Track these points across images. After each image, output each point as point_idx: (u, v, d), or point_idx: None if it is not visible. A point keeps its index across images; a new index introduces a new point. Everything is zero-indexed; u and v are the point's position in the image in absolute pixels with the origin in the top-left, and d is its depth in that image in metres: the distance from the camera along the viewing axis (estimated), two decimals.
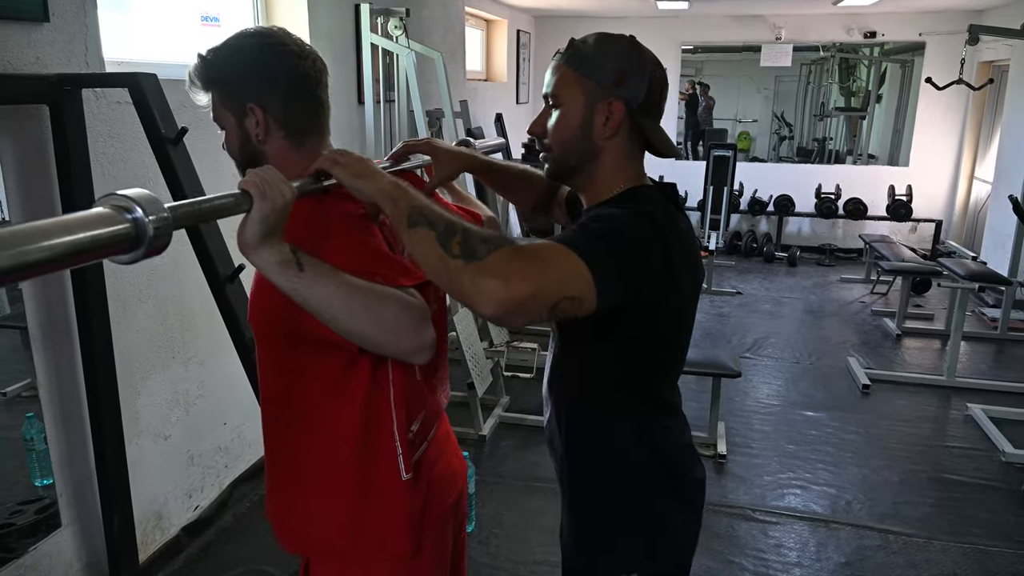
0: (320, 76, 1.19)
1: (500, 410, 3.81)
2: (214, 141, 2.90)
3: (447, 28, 5.22)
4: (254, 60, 1.15)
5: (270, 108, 1.14)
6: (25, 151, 2.00)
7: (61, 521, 2.22)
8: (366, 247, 1.10)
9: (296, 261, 0.98)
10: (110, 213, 0.75)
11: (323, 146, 1.22)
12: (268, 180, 0.96)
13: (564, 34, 6.65)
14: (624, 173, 1.21)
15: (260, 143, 1.17)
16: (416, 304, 1.04)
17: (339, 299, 0.99)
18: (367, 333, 1.02)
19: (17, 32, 1.93)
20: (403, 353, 1.06)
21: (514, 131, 6.71)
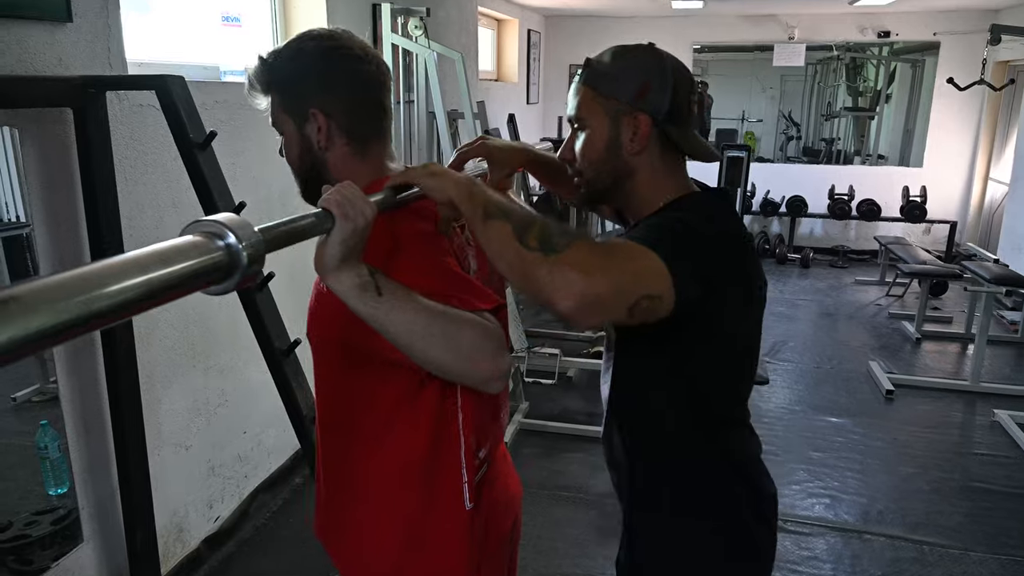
0: (384, 80, 1.14)
1: (520, 416, 3.75)
2: (235, 145, 2.83)
3: (462, 28, 5.15)
4: (316, 63, 1.10)
5: (333, 113, 1.09)
6: (48, 155, 1.94)
7: (83, 535, 2.16)
8: (440, 267, 1.03)
9: (375, 284, 0.92)
10: (201, 241, 0.69)
11: (386, 154, 1.17)
12: (350, 198, 0.90)
13: (575, 34, 6.68)
14: (664, 185, 1.17)
15: (322, 150, 1.11)
16: (493, 330, 0.98)
17: (418, 326, 0.93)
18: (443, 361, 0.96)
19: (39, 32, 1.87)
20: (478, 382, 1.00)
21: (525, 132, 6.64)
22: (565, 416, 3.79)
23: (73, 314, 0.55)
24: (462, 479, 1.13)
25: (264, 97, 1.12)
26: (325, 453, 1.21)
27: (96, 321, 0.57)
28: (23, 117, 1.86)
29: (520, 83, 7.04)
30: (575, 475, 3.29)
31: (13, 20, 1.79)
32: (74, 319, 0.54)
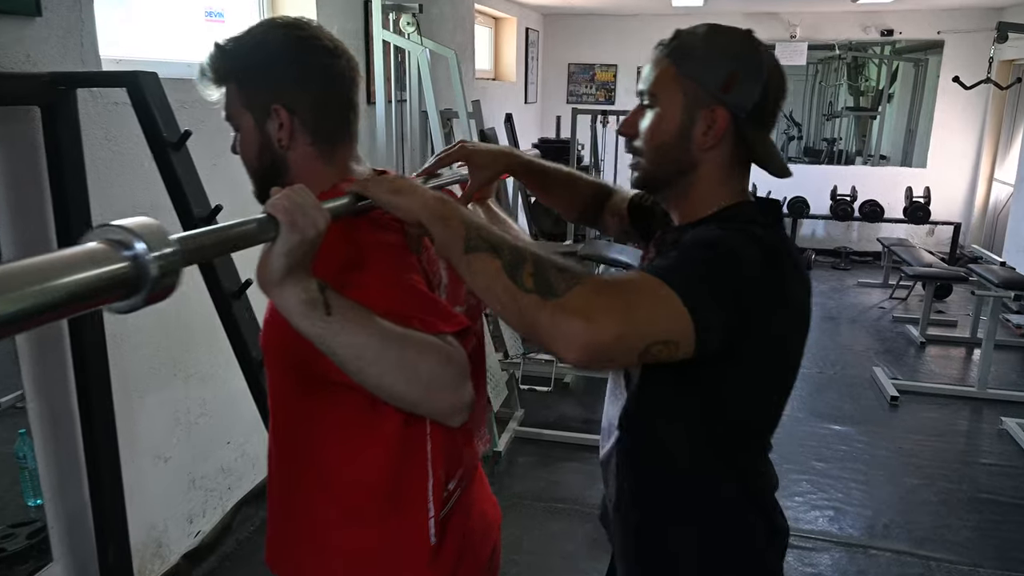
0: (355, 76, 1.06)
1: (515, 424, 3.65)
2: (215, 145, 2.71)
3: (457, 25, 5.06)
4: (283, 54, 1.00)
5: (297, 110, 1.00)
6: (14, 156, 1.84)
7: (52, 555, 2.06)
8: (402, 284, 0.94)
9: (324, 302, 0.83)
10: (101, 249, 0.59)
11: (351, 157, 1.08)
12: (300, 204, 0.81)
13: (574, 32, 6.56)
14: (724, 188, 1.06)
15: (283, 149, 1.02)
16: (456, 357, 0.90)
17: (370, 351, 0.85)
18: (398, 390, 0.88)
19: (5, 27, 1.77)
20: (436, 414, 0.92)
21: (523, 131, 6.54)
22: (561, 424, 3.70)
23: None
24: (427, 514, 1.04)
25: (217, 88, 1.03)
26: (275, 480, 1.10)
27: None
28: None
29: (518, 82, 6.94)
30: (571, 486, 3.19)
31: None
32: None
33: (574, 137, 5.43)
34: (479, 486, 1.24)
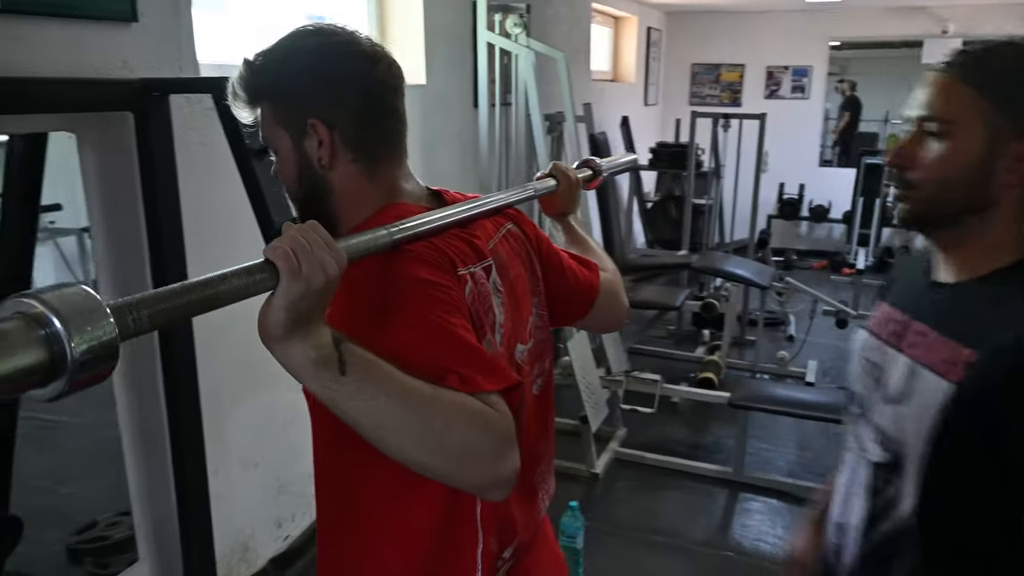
0: (398, 84, 0.97)
1: (616, 444, 3.47)
2: None
3: (572, 26, 4.91)
4: (317, 64, 0.92)
5: (337, 124, 0.91)
6: (108, 161, 1.86)
7: (139, 554, 2.08)
8: (442, 331, 0.81)
9: (338, 359, 0.71)
10: (15, 326, 0.51)
11: (401, 173, 0.99)
12: (306, 246, 0.70)
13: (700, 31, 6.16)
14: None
15: (324, 169, 0.93)
16: (497, 423, 0.77)
17: (391, 417, 0.74)
18: (424, 462, 0.76)
19: (101, 34, 1.79)
20: (471, 488, 0.81)
21: (641, 135, 6.31)
22: (666, 447, 3.47)
23: None
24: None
25: (250, 108, 0.94)
26: (321, 540, 1.00)
27: None
28: (81, 122, 1.79)
29: (637, 83, 6.71)
30: (671, 517, 2.98)
31: (71, 20, 1.71)
32: None
33: (692, 141, 5.16)
34: (540, 547, 1.13)
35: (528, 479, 1.06)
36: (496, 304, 0.97)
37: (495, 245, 1.02)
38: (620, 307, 1.27)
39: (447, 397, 0.76)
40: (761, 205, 7.07)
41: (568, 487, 3.15)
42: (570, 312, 1.19)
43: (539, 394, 1.09)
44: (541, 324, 1.10)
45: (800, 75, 7.19)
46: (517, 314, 1.02)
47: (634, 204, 6.04)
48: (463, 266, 0.91)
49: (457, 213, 0.95)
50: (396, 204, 0.94)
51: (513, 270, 1.03)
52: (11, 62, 1.60)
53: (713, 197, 5.56)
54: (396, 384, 0.74)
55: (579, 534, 2.47)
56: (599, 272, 1.22)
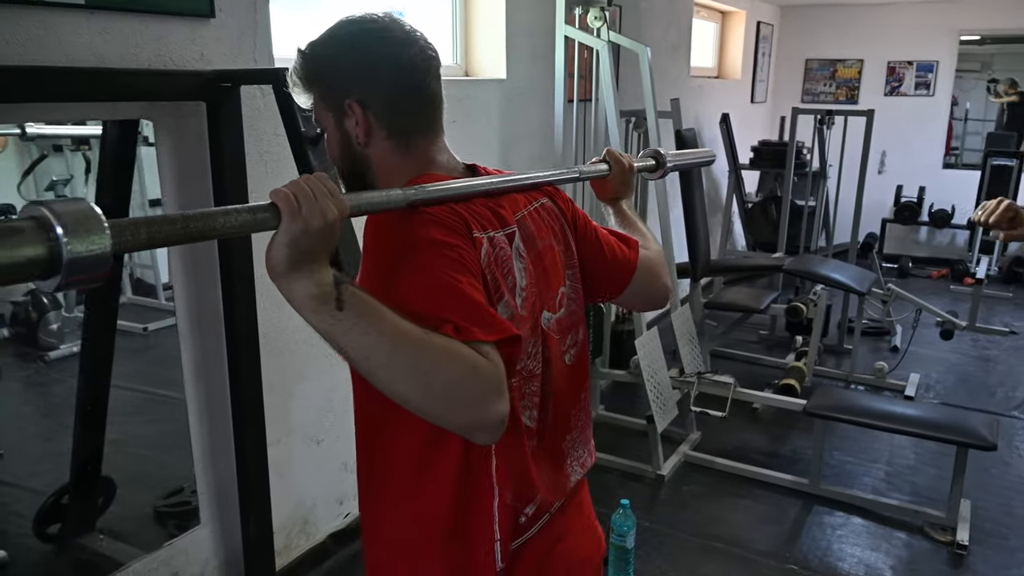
0: (429, 65, 1.03)
1: (687, 447, 3.38)
2: (471, 132, 2.80)
3: (671, 21, 4.81)
4: (351, 49, 1.01)
5: (371, 104, 1.00)
6: (182, 148, 2.00)
7: (200, 519, 2.23)
8: (445, 285, 0.88)
9: (336, 296, 0.79)
10: (26, 225, 0.63)
11: (435, 148, 1.06)
12: (308, 192, 0.78)
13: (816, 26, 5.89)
14: None
15: (362, 146, 1.02)
16: (485, 370, 0.82)
17: (381, 353, 0.80)
18: (410, 398, 0.82)
19: (180, 28, 1.92)
20: (458, 429, 0.86)
21: (744, 132, 6.10)
22: (740, 454, 3.36)
23: None
24: (494, 538, 1.01)
25: (305, 94, 1.04)
26: (362, 502, 1.10)
27: None
28: (159, 110, 1.93)
29: (744, 80, 6.49)
30: (735, 525, 2.88)
31: (154, 16, 1.85)
32: None
33: (792, 139, 4.94)
34: (575, 515, 1.18)
35: (557, 445, 1.13)
36: (518, 269, 1.02)
37: (523, 216, 1.08)
38: (660, 286, 1.29)
39: (438, 341, 0.81)
40: (876, 208, 6.72)
41: (632, 487, 3.11)
42: (607, 287, 1.24)
43: (572, 364, 1.15)
44: (575, 296, 1.16)
45: (925, 71, 6.73)
46: (545, 282, 1.08)
47: (733, 202, 5.86)
48: (480, 230, 0.97)
49: (478, 184, 1.02)
50: (426, 175, 1.01)
51: (542, 241, 1.09)
52: (98, 54, 1.75)
53: (817, 198, 5.31)
54: (389, 324, 0.80)
55: (629, 533, 2.44)
56: (639, 249, 1.25)
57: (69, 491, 2.44)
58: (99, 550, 2.33)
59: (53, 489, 2.42)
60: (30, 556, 2.47)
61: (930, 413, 3.01)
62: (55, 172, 2.60)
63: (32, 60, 1.62)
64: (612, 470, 3.24)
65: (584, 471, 1.19)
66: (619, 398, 3.83)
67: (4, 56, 1.57)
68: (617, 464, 3.25)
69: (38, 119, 1.98)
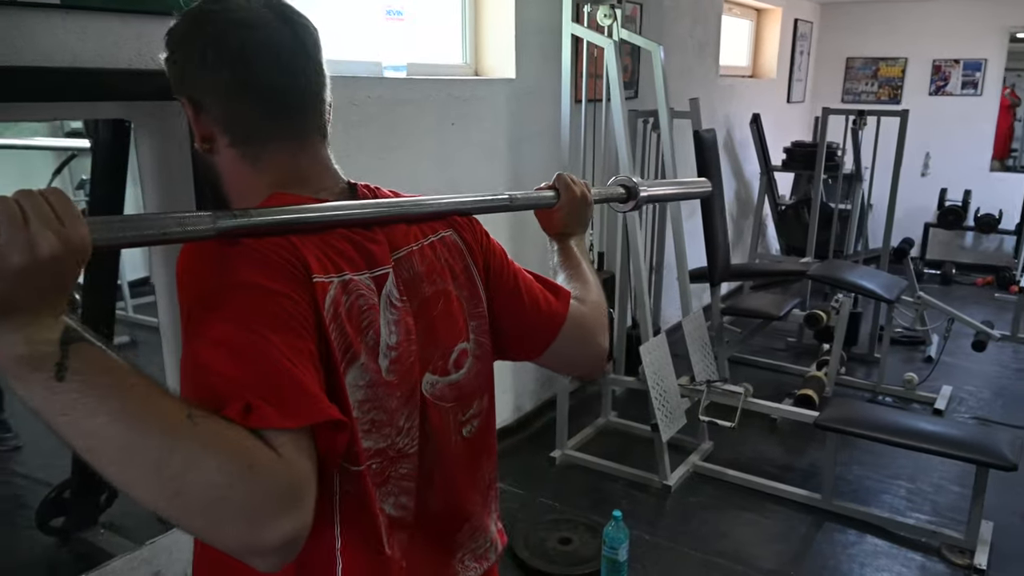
0: (283, 53, 0.82)
1: (697, 458, 3.28)
2: (382, 141, 2.77)
3: (698, 19, 4.70)
4: (185, 34, 0.83)
5: (205, 103, 0.82)
6: (163, 149, 1.99)
7: None
8: (245, 347, 0.68)
9: (57, 361, 0.59)
10: None
11: (300, 161, 0.85)
12: (15, 216, 0.58)
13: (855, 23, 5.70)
14: None
15: (207, 152, 0.85)
16: (270, 472, 0.62)
17: (111, 446, 0.59)
18: (160, 508, 0.61)
19: (159, 28, 1.91)
20: (230, 552, 0.64)
21: (779, 133, 5.93)
22: (753, 466, 3.24)
23: None
24: None
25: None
26: None
27: None
28: (139, 110, 1.93)
29: (779, 79, 6.31)
30: (741, 540, 2.77)
31: (132, 15, 1.85)
32: None
33: (823, 140, 4.78)
34: None
35: (446, 538, 0.94)
36: (386, 322, 0.82)
37: (408, 253, 0.88)
38: (592, 347, 1.06)
39: (205, 428, 0.61)
40: (919, 212, 6.47)
41: (636, 497, 3.03)
42: (524, 345, 1.02)
43: (471, 438, 0.95)
44: (480, 354, 0.95)
45: (972, 69, 6.46)
46: (430, 338, 0.88)
47: (765, 203, 5.69)
48: (327, 272, 0.77)
49: (336, 212, 0.82)
50: (280, 195, 0.83)
51: (432, 285, 0.89)
52: (74, 54, 1.76)
53: (852, 201, 5.13)
54: (130, 403, 0.60)
55: (621, 546, 2.37)
56: (569, 302, 1.03)
57: (71, 485, 2.49)
58: (98, 544, 2.35)
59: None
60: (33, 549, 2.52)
61: (951, 429, 2.85)
62: (85, 171, 2.65)
63: (6, 61, 1.63)
64: (617, 479, 3.16)
65: (484, 566, 0.99)
66: (633, 405, 3.74)
67: None
68: (622, 472, 3.17)
69: (15, 119, 2.00)
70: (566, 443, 3.34)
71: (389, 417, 0.82)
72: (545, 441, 3.42)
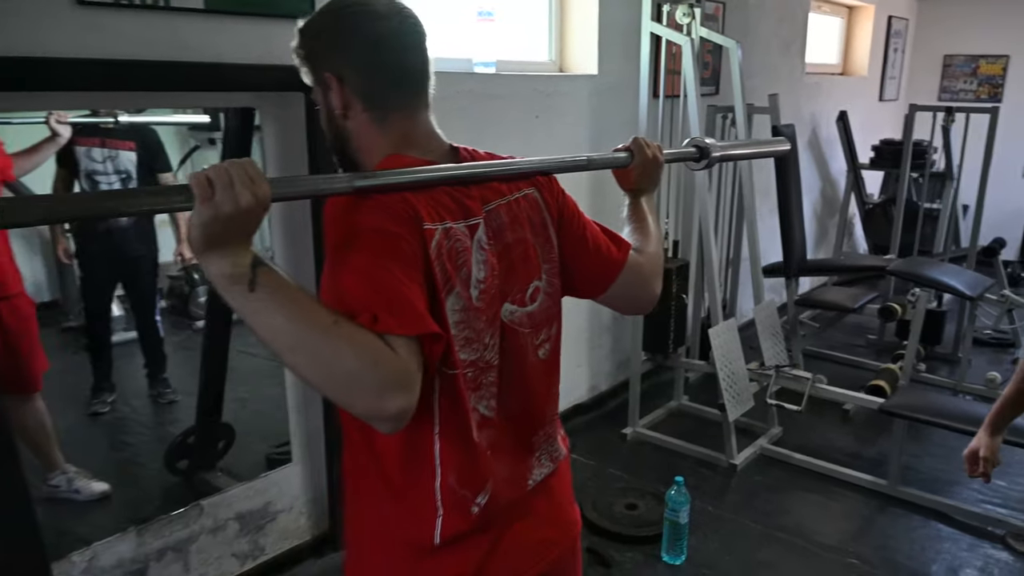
0: (407, 39, 1.04)
1: (765, 441, 3.39)
2: (471, 133, 3.04)
3: (784, 16, 4.76)
4: (329, 24, 1.03)
5: (347, 77, 1.02)
6: (283, 133, 2.29)
7: (292, 458, 2.53)
8: (374, 274, 0.90)
9: (250, 278, 0.83)
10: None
11: (414, 126, 1.06)
12: (224, 179, 0.82)
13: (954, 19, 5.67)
14: None
15: (342, 118, 1.05)
16: (389, 363, 0.84)
17: (287, 337, 0.84)
18: (315, 383, 0.86)
19: (285, 28, 2.18)
20: (358, 415, 0.89)
21: (870, 131, 5.87)
22: (821, 453, 3.31)
23: None
24: (435, 511, 1.04)
25: (303, 70, 1.08)
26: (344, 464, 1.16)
27: None
28: (264, 100, 2.23)
29: (871, 77, 6.24)
30: (802, 516, 2.88)
31: (261, 17, 2.15)
32: None
33: (908, 138, 4.74)
34: (539, 501, 1.18)
35: (524, 438, 1.14)
36: (477, 261, 1.02)
37: (496, 207, 1.07)
38: (647, 292, 1.26)
39: (347, 330, 0.84)
40: (1018, 214, 6.26)
41: (702, 474, 3.17)
42: (588, 285, 1.21)
43: (545, 359, 1.15)
44: (551, 291, 1.15)
45: None
46: (511, 276, 1.08)
47: (851, 198, 5.65)
48: (433, 220, 0.97)
49: (441, 173, 1.02)
50: (398, 156, 1.02)
51: (514, 233, 1.09)
52: (215, 51, 2.06)
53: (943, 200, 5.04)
54: (299, 310, 0.83)
55: (682, 509, 2.52)
56: (629, 251, 1.22)
57: (195, 433, 2.84)
58: (215, 484, 2.68)
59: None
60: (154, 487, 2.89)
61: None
62: (208, 161, 3.02)
63: (160, 56, 1.94)
64: (685, 456, 3.30)
65: (555, 464, 1.19)
66: (704, 391, 3.87)
67: (139, 52, 1.90)
68: (690, 451, 3.32)
69: (168, 105, 2.34)
70: (637, 421, 3.51)
71: (478, 335, 1.03)
72: (618, 419, 3.60)
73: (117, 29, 1.86)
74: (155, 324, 3.57)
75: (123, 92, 2.01)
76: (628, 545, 2.66)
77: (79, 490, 2.73)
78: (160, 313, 3.73)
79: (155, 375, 3.54)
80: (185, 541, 2.29)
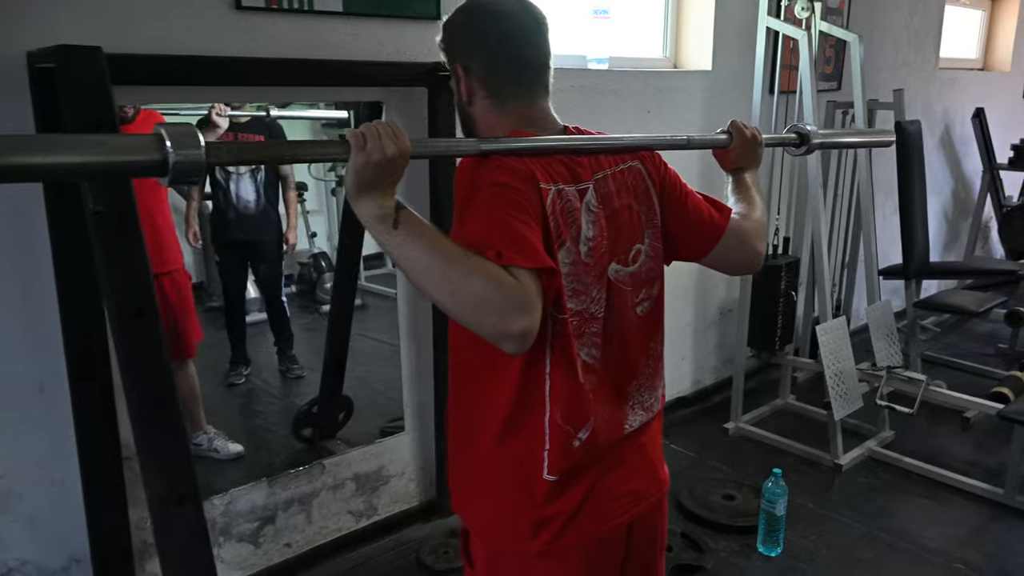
0: (529, 35, 1.17)
1: (874, 443, 3.31)
2: (670, 122, 3.12)
3: (915, 9, 4.58)
4: (461, 21, 1.19)
5: (472, 68, 1.16)
6: (407, 125, 2.46)
7: (405, 427, 2.73)
8: (497, 218, 1.03)
9: (394, 218, 0.98)
10: (152, 141, 0.87)
11: (531, 110, 1.19)
12: (374, 133, 0.97)
13: None
14: None
15: (468, 105, 1.19)
16: (511, 288, 0.96)
17: (423, 263, 0.97)
18: (447, 305, 0.98)
19: (413, 28, 2.40)
20: (487, 336, 0.98)
21: (1007, 130, 5.52)
22: (934, 458, 3.20)
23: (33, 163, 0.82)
24: (543, 444, 1.15)
25: (443, 59, 1.23)
26: (449, 401, 1.28)
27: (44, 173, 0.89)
28: (392, 94, 2.43)
29: (1014, 73, 5.86)
30: (906, 519, 2.81)
31: (392, 19, 2.34)
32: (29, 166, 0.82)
33: None
34: (633, 453, 1.28)
35: (621, 387, 1.24)
36: (587, 221, 1.14)
37: (604, 176, 1.19)
38: (749, 252, 1.34)
39: (475, 259, 0.96)
40: None
41: (804, 471, 3.14)
42: (691, 247, 1.31)
43: (644, 315, 1.26)
44: (653, 255, 1.26)
45: None
46: (617, 237, 1.19)
47: (987, 199, 5.33)
48: (547, 182, 1.10)
49: (552, 143, 1.15)
50: (517, 131, 1.16)
51: (619, 200, 1.20)
52: (350, 49, 2.28)
53: None
54: (434, 242, 0.98)
55: (779, 501, 2.54)
56: (730, 216, 1.31)
57: (319, 404, 3.10)
58: (336, 451, 2.92)
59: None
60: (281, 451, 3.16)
61: None
62: None
63: (303, 54, 2.17)
64: (788, 454, 3.28)
65: (649, 415, 1.29)
66: (812, 391, 3.81)
67: (286, 51, 2.13)
68: (793, 448, 3.29)
69: (310, 99, 2.57)
70: (740, 417, 3.51)
71: (586, 288, 1.15)
72: (720, 414, 3.61)
73: (268, 31, 2.10)
74: (282, 304, 3.87)
75: (272, 87, 2.24)
76: (723, 534, 2.69)
77: (218, 449, 3.02)
78: (289, 297, 4.04)
79: (283, 351, 3.84)
80: (309, 495, 2.53)
